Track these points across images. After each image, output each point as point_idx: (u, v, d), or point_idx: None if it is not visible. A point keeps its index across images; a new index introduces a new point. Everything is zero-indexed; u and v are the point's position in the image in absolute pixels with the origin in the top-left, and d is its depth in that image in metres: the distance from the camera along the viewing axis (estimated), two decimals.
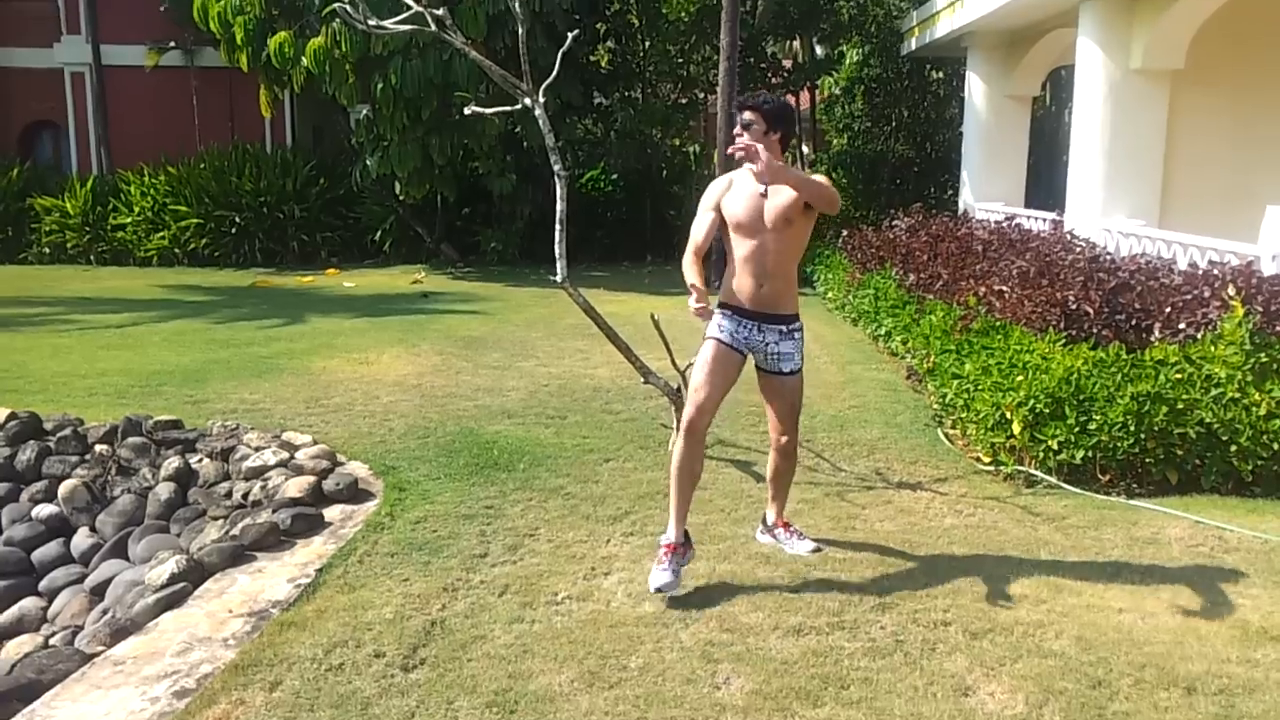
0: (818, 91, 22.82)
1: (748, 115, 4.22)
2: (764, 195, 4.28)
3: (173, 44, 19.40)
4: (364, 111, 16.21)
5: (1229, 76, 11.71)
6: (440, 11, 6.58)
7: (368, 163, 16.22)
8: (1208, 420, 5.67)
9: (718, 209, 4.37)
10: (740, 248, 4.34)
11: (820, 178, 4.27)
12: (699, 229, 4.37)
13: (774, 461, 4.69)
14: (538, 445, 6.43)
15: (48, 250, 18.45)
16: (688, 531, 4.42)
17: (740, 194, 4.33)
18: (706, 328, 4.42)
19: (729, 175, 4.42)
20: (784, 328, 4.42)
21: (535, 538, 4.89)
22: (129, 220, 18.18)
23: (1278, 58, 11.19)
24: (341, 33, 14.42)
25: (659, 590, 4.18)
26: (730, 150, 4.10)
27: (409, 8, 6.63)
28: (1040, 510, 5.35)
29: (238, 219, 17.97)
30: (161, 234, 18.05)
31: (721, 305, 4.43)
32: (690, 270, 4.28)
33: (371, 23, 6.79)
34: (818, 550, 4.71)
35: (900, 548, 4.78)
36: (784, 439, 4.59)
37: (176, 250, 18.05)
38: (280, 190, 18.10)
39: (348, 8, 7.02)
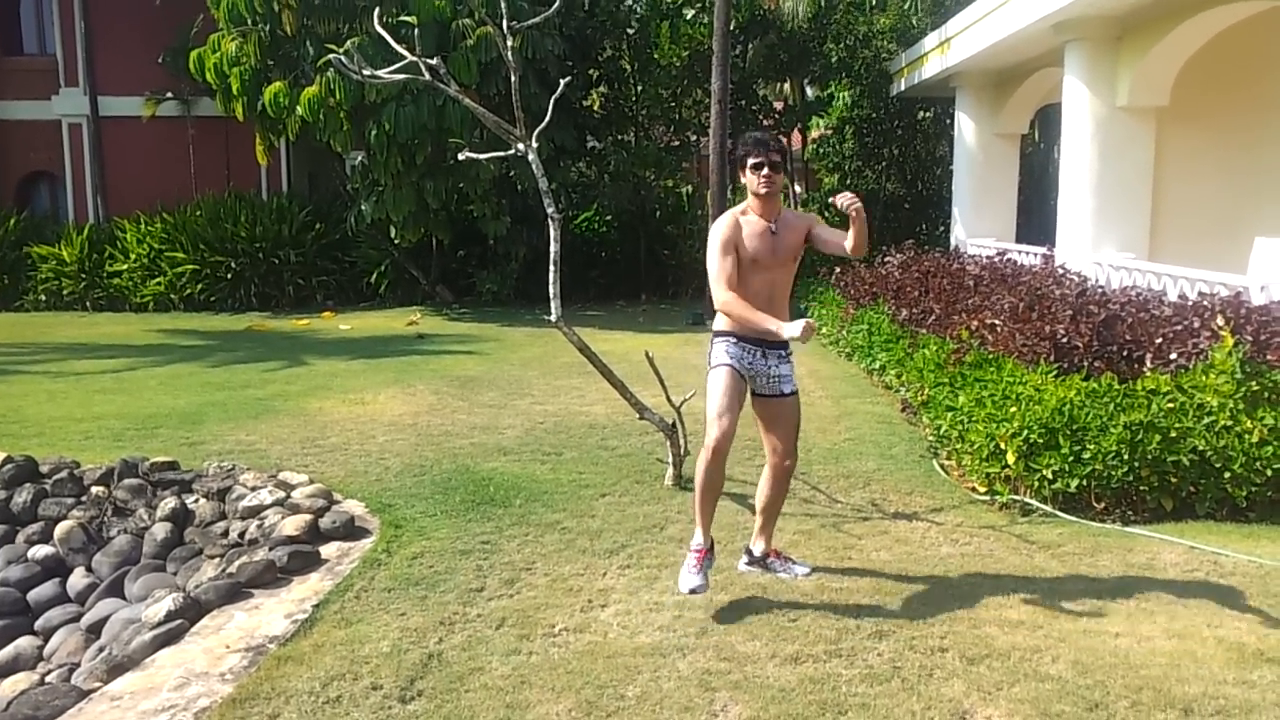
0: (809, 132, 23.05)
1: (777, 157, 4.49)
2: (774, 233, 4.49)
3: (169, 95, 19.58)
4: (359, 158, 16.37)
5: (1214, 112, 11.89)
6: (434, 60, 6.68)
7: (363, 208, 16.34)
8: (1201, 448, 5.70)
9: (734, 248, 4.46)
10: (751, 282, 4.48)
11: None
12: (727, 269, 4.44)
13: (770, 490, 4.72)
14: (534, 481, 6.44)
15: (44, 297, 18.51)
16: (712, 539, 4.59)
17: (753, 234, 4.48)
18: (710, 357, 4.56)
19: (731, 214, 4.55)
20: (782, 352, 4.58)
21: (532, 572, 4.90)
22: (125, 267, 18.25)
23: (1260, 94, 11.35)
24: (336, 82, 14.59)
25: (692, 592, 4.38)
26: (847, 206, 4.26)
27: (403, 57, 6.72)
28: (1036, 538, 5.37)
29: (233, 265, 18.05)
30: (157, 280, 18.12)
31: (724, 335, 4.54)
32: (750, 313, 4.35)
33: (366, 72, 6.88)
34: (812, 573, 4.76)
35: (897, 576, 4.79)
36: (787, 462, 4.64)
37: (172, 296, 18.12)
38: (276, 236, 18.20)
39: (342, 58, 7.13)
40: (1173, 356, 6.64)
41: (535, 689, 3.70)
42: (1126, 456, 5.67)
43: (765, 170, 4.45)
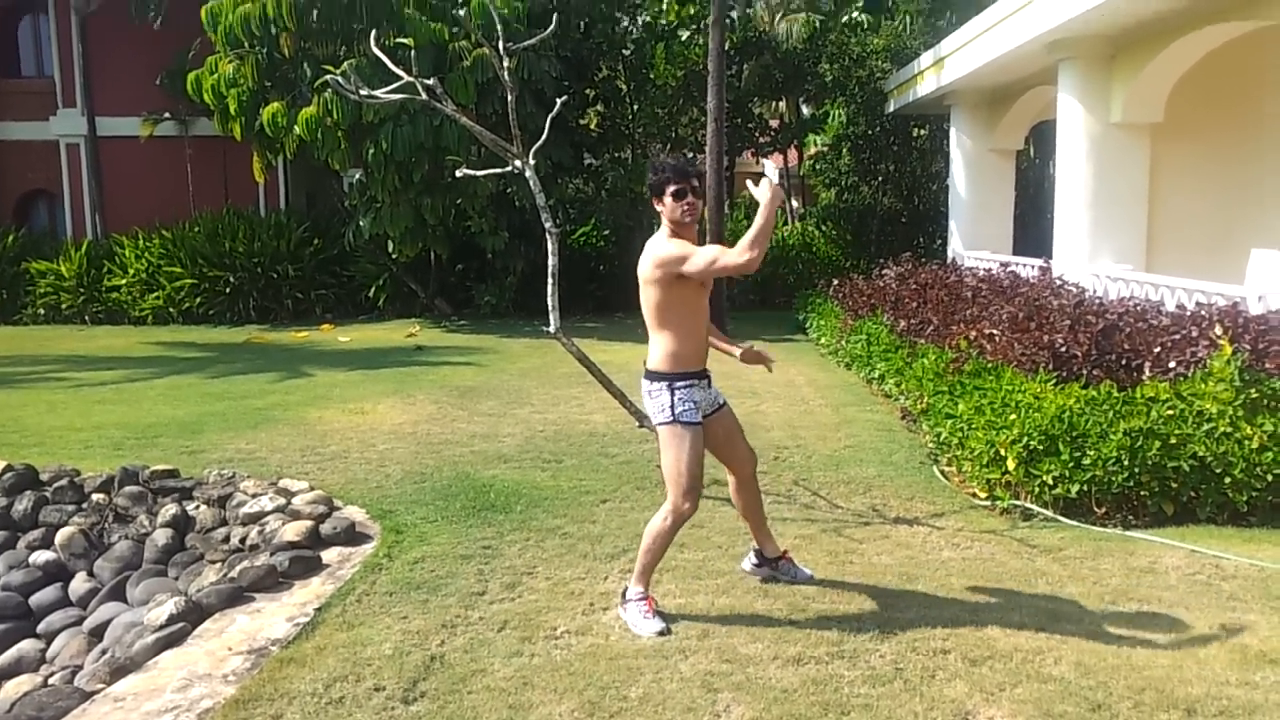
0: (805, 148, 23.20)
1: (697, 182, 4.35)
2: None
3: (167, 115, 19.68)
4: (356, 175, 16.41)
5: (1208, 127, 11.96)
6: (431, 80, 6.73)
7: (361, 223, 16.39)
8: (1201, 454, 5.72)
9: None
10: (698, 310, 4.35)
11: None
12: (721, 247, 4.27)
13: (744, 497, 4.68)
14: (534, 488, 6.45)
15: (42, 311, 18.55)
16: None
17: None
18: (673, 408, 4.27)
19: (681, 241, 4.31)
20: (709, 375, 4.48)
21: (533, 575, 4.90)
22: (123, 282, 18.30)
23: (1253, 109, 11.42)
24: (333, 102, 14.65)
25: (660, 634, 4.16)
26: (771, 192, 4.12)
27: (400, 77, 6.76)
28: (1037, 542, 5.37)
29: (232, 279, 18.09)
30: (156, 294, 18.16)
31: (678, 377, 4.31)
32: (758, 226, 4.04)
33: (363, 92, 6.91)
34: (814, 577, 4.77)
35: (898, 580, 4.80)
36: (749, 465, 4.61)
37: (171, 309, 18.16)
38: (274, 251, 18.26)
39: (339, 79, 7.17)
40: (1171, 365, 6.66)
41: (538, 690, 3.69)
42: (1127, 462, 5.68)
43: (688, 197, 4.27)
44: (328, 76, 7.95)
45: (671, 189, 4.28)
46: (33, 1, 20.14)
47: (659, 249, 4.30)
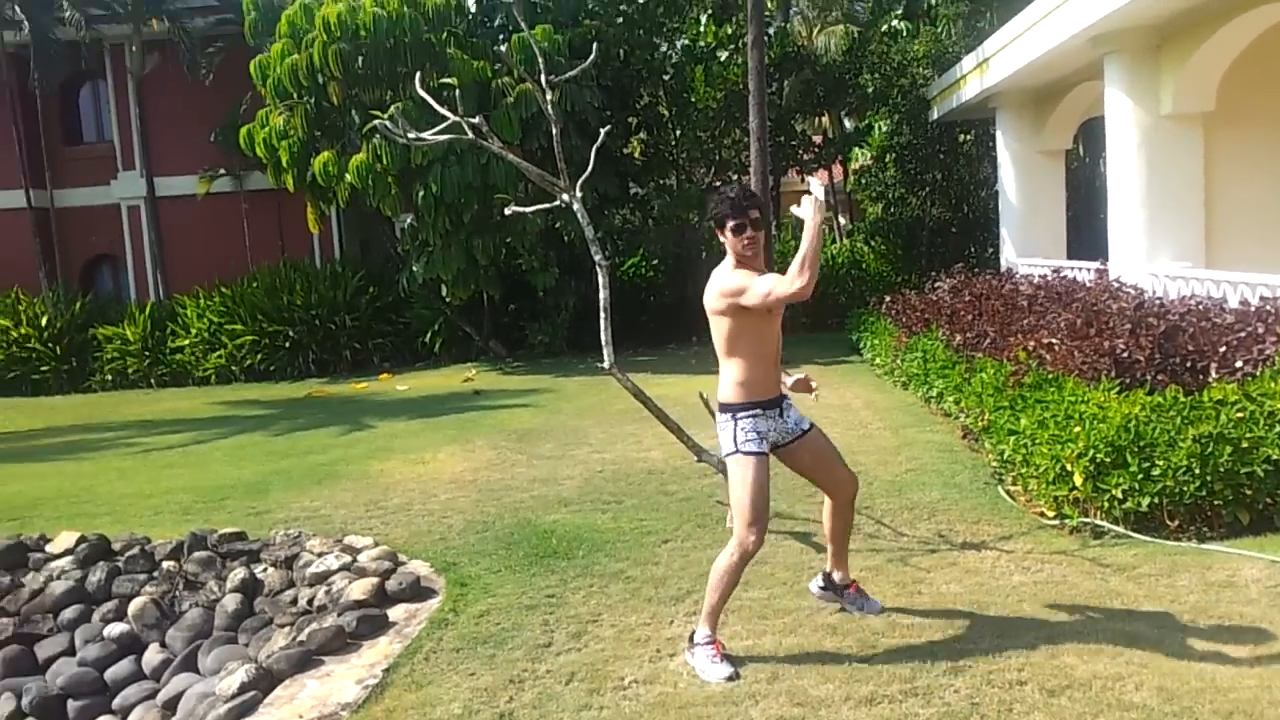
0: (849, 163, 23.07)
1: (756, 214, 4.26)
2: None
3: (222, 171, 20.15)
4: (408, 220, 16.63)
5: (1263, 113, 11.66)
6: (477, 119, 6.80)
7: (414, 268, 16.59)
8: (1275, 457, 5.53)
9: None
10: (767, 339, 4.33)
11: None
12: (776, 277, 4.18)
13: (837, 519, 4.64)
14: (595, 531, 6.44)
15: (110, 377, 18.98)
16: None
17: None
18: (735, 438, 4.28)
19: (744, 271, 4.26)
20: (785, 401, 4.46)
21: (598, 623, 4.88)
22: (186, 342, 18.69)
23: None
24: (382, 147, 14.88)
25: (729, 679, 4.10)
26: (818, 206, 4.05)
27: (445, 118, 6.84)
28: (1110, 561, 5.24)
29: (291, 333, 18.39)
30: (218, 353, 18.51)
31: (746, 408, 4.31)
32: (806, 249, 3.95)
33: (411, 135, 7.01)
34: (883, 610, 4.70)
35: (969, 609, 4.70)
36: (848, 488, 4.57)
37: (233, 368, 18.49)
38: (331, 302, 18.53)
39: (388, 123, 7.28)
40: (1238, 364, 6.49)
41: None
42: (1198, 471, 5.52)
43: (748, 231, 4.21)
44: (376, 122, 8.08)
45: (731, 224, 4.25)
46: (90, 69, 20.76)
47: (722, 280, 4.28)
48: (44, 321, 19.03)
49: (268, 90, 16.13)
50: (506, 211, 7.86)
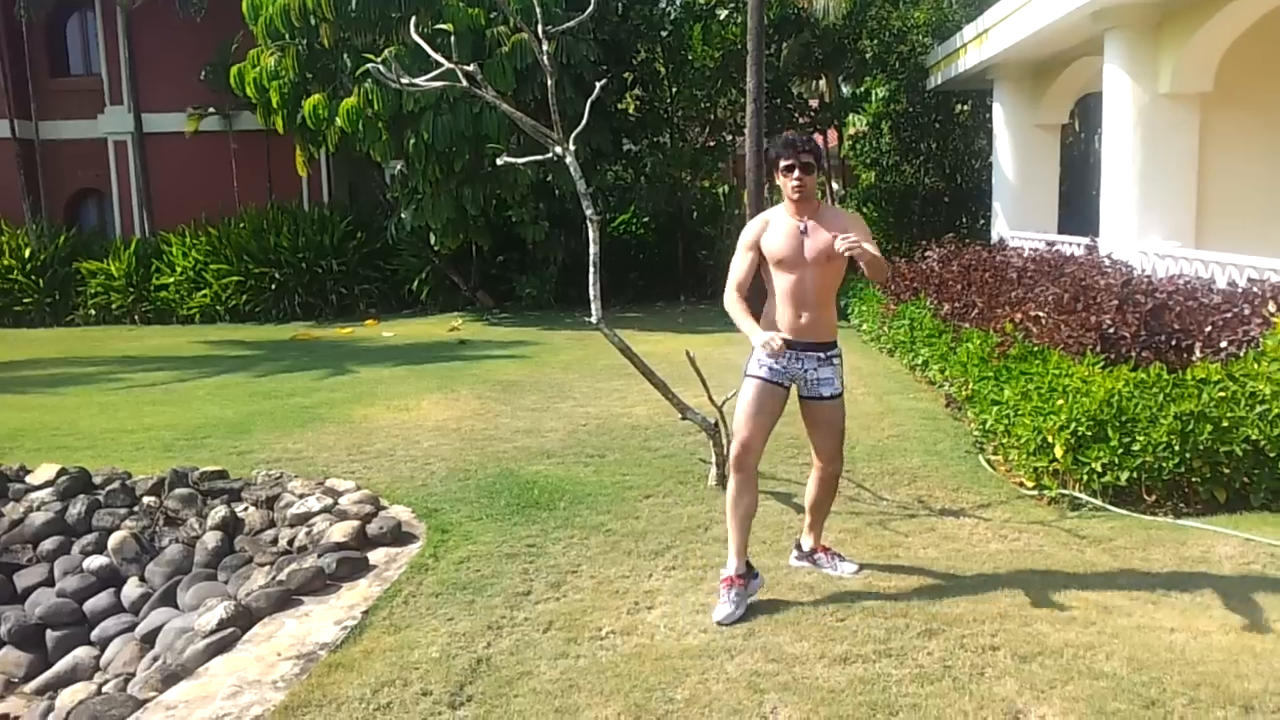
0: (845, 129, 22.92)
1: (808, 158, 4.37)
2: (804, 233, 4.40)
3: (211, 110, 19.90)
4: (398, 167, 16.49)
5: (1259, 97, 11.65)
6: (470, 67, 6.72)
7: (403, 216, 16.49)
8: (1254, 437, 5.59)
9: (756, 248, 4.46)
10: (782, 282, 4.42)
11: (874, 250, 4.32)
12: (739, 269, 4.47)
13: (816, 491, 4.72)
14: (578, 484, 6.46)
15: (94, 312, 18.89)
16: (749, 562, 4.48)
17: (779, 232, 4.43)
18: (746, 364, 4.48)
19: (764, 215, 4.53)
20: (822, 354, 4.47)
21: (578, 574, 4.91)
22: (171, 280, 18.58)
23: None
24: (374, 92, 14.72)
25: (721, 621, 4.21)
26: (845, 249, 4.17)
27: (439, 65, 6.76)
28: (1086, 533, 5.30)
29: (277, 275, 18.30)
30: (203, 292, 18.43)
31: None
32: (739, 314, 4.38)
33: (404, 81, 6.93)
34: (859, 570, 4.74)
35: (945, 574, 4.75)
36: (830, 467, 4.63)
37: (218, 307, 18.42)
38: (318, 246, 18.43)
39: (380, 68, 7.19)
40: (1223, 344, 6.52)
41: (584, 693, 3.70)
42: (1178, 448, 5.57)
43: (796, 173, 4.36)
44: (368, 66, 7.97)
45: (783, 164, 4.39)
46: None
47: (752, 221, 4.56)
48: (27, 254, 18.88)
49: (259, 29, 15.90)
50: (498, 162, 7.80)
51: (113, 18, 20.02)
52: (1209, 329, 6.72)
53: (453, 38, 14.10)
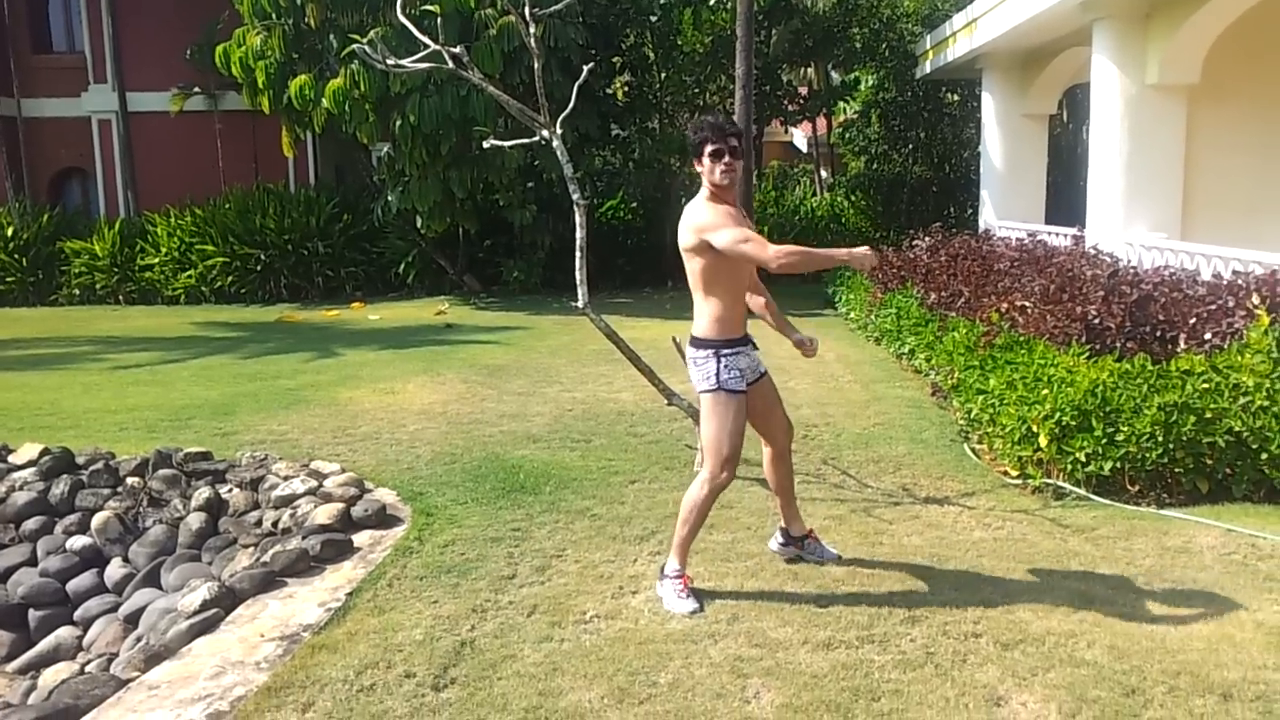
0: (834, 116, 22.94)
1: (735, 141, 4.22)
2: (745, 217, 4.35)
3: (196, 89, 19.76)
4: (384, 149, 16.40)
5: (1246, 89, 11.71)
6: (457, 49, 6.68)
7: (389, 198, 16.41)
8: (1237, 429, 5.62)
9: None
10: (739, 276, 4.32)
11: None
12: (754, 233, 4.18)
13: (777, 471, 4.68)
14: (563, 469, 6.46)
15: (77, 292, 18.76)
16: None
17: (736, 217, 4.22)
18: (714, 377, 4.26)
19: (707, 207, 4.23)
20: (751, 339, 4.46)
21: (563, 558, 4.91)
22: (156, 260, 18.47)
23: None
24: (360, 73, 14.62)
25: (691, 614, 4.19)
26: (871, 268, 4.11)
27: (426, 47, 6.72)
28: (1069, 522, 5.33)
29: (263, 256, 18.20)
30: (188, 273, 18.32)
31: (726, 344, 4.29)
32: (807, 250, 4.10)
33: (390, 62, 6.89)
34: (843, 558, 4.75)
35: (929, 562, 4.77)
36: (784, 439, 4.63)
37: (203, 289, 18.33)
38: (304, 227, 18.33)
39: (366, 49, 7.14)
40: (1207, 336, 6.55)
41: (567, 676, 3.70)
42: (1161, 438, 5.60)
43: (726, 158, 4.18)
44: (354, 46, 7.91)
45: (710, 149, 4.19)
46: None
47: (695, 216, 4.23)
48: (10, 232, 18.71)
49: (245, 8, 15.77)
50: (485, 145, 7.76)
51: None
52: (1193, 321, 6.75)
53: (440, 19, 14.00)
